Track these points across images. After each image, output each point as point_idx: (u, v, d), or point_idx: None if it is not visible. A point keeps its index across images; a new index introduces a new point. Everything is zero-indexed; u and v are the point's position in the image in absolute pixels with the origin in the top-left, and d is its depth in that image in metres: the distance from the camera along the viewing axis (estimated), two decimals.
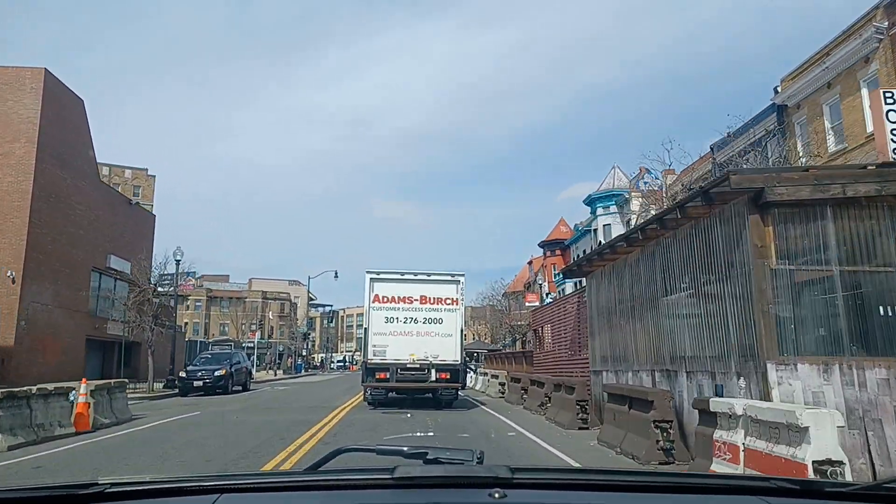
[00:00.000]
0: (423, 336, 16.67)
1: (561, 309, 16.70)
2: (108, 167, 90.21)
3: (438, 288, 16.95)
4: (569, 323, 15.85)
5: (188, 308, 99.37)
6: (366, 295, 16.88)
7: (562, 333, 16.62)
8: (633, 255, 11.22)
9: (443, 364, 16.58)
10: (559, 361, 16.83)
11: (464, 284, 17.01)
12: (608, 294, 12.49)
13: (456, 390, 17.02)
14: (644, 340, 10.70)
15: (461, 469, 1.55)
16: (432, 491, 1.49)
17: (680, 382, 9.20)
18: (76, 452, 10.14)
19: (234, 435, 12.09)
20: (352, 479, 1.61)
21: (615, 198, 50.81)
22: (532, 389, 17.50)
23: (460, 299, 16.95)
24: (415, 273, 17.06)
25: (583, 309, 14.59)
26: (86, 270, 33.68)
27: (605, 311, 12.67)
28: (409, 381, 16.52)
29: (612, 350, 12.20)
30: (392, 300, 16.85)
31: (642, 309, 10.75)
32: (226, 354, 29.30)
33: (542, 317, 19.28)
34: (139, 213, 41.56)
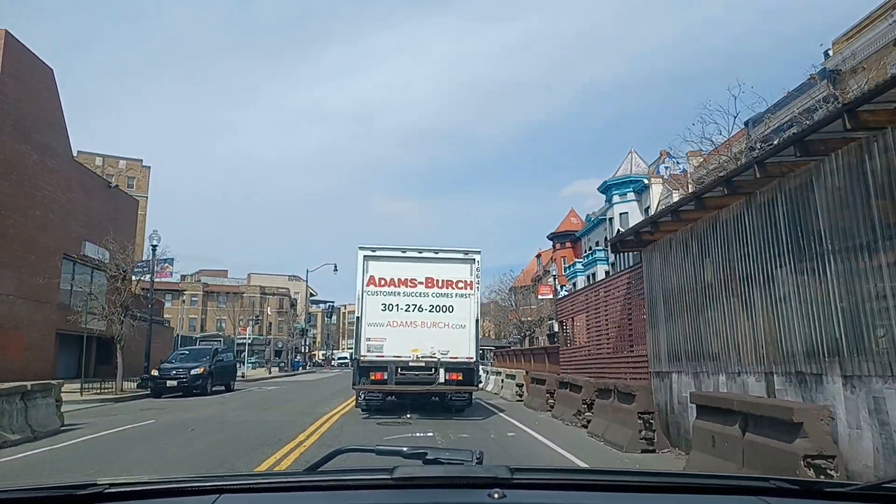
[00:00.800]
0: (430, 327, 13.43)
1: (600, 294, 13.44)
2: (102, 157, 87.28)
3: (448, 268, 13.70)
4: (613, 311, 12.59)
5: (184, 303, 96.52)
6: (358, 276, 13.64)
7: (602, 325, 13.36)
8: (729, 209, 7.95)
9: (453, 362, 13.35)
10: (597, 359, 13.57)
11: (479, 264, 13.75)
12: (683, 269, 9.22)
13: (469, 394, 13.80)
14: (749, 330, 7.44)
15: (461, 469, 1.56)
16: (432, 491, 1.49)
17: (830, 392, 5.93)
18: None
19: (171, 457, 8.89)
20: (351, 479, 1.62)
21: (633, 184, 47.42)
22: (562, 394, 14.24)
23: (475, 282, 13.69)
24: (419, 250, 13.80)
25: (636, 292, 11.33)
26: (56, 258, 30.52)
27: (677, 292, 9.40)
28: (412, 384, 13.30)
29: (690, 344, 8.94)
30: (391, 283, 13.60)
31: (747, 285, 7.49)
32: (206, 351, 26.09)
33: (571, 306, 16.00)
34: (120, 197, 38.39)
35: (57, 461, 8.84)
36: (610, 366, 12.69)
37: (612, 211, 48.98)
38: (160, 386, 23.27)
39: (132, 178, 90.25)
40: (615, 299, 12.48)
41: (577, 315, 15.61)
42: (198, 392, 23.53)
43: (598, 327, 13.62)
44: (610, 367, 12.68)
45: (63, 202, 31.72)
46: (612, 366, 12.55)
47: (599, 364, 13.37)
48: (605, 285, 13.16)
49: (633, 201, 47.24)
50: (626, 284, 11.86)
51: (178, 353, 26.48)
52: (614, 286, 12.55)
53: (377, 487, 1.54)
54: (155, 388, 23.40)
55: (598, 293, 13.59)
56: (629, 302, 11.71)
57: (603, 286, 13.29)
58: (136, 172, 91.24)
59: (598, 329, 13.62)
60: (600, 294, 13.45)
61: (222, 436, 11.24)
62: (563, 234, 65.40)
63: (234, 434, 11.41)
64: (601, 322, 13.42)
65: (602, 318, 13.34)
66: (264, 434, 11.18)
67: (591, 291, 14.36)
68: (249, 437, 11.01)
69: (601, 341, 13.45)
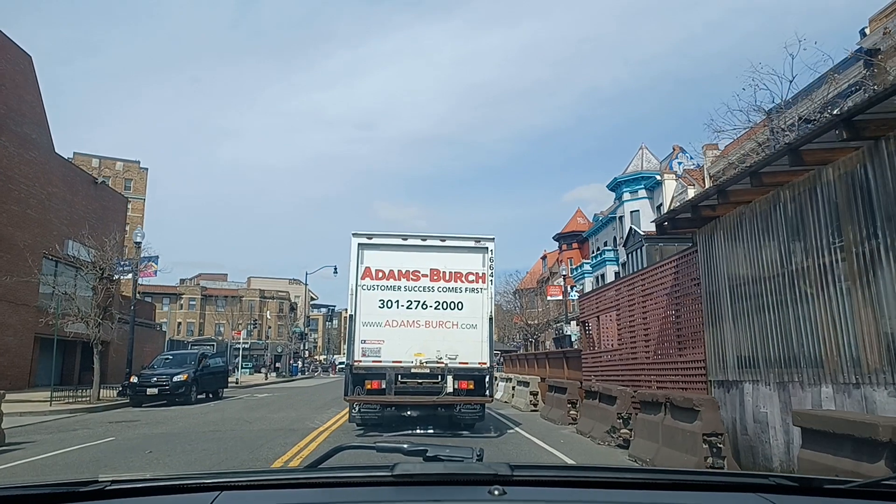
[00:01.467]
0: (436, 328, 11.46)
1: (636, 288, 11.44)
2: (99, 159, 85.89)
3: (457, 257, 11.72)
4: (654, 307, 10.60)
5: (181, 307, 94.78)
6: (351, 268, 11.66)
7: (638, 324, 11.36)
8: (838, 165, 5.96)
9: (464, 368, 11.36)
10: (631, 365, 11.56)
11: (493, 253, 11.77)
12: (763, 249, 7.23)
13: (482, 406, 11.79)
14: (873, 325, 5.44)
15: (461, 466, 1.56)
16: (432, 488, 1.49)
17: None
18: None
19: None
20: (352, 476, 1.60)
21: (644, 181, 45.39)
22: (589, 405, 12.23)
23: (489, 275, 11.71)
24: (423, 237, 11.82)
25: (686, 283, 9.34)
26: (35, 257, 28.56)
27: (751, 279, 7.42)
28: (415, 394, 11.31)
29: (773, 345, 6.95)
30: (390, 275, 11.62)
31: (873, 266, 5.49)
32: (192, 355, 24.09)
33: (596, 303, 13.98)
34: (107, 194, 36.45)
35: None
36: (649, 373, 10.69)
37: (622, 209, 46.96)
38: (139, 394, 21.30)
39: (129, 180, 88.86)
40: (657, 293, 10.49)
41: (604, 313, 13.60)
42: (181, 401, 21.59)
43: (633, 327, 11.62)
44: (649, 374, 10.68)
45: (42, 198, 29.81)
46: (652, 373, 10.55)
47: (634, 370, 11.37)
48: (642, 277, 11.16)
49: (644, 199, 45.22)
50: (671, 275, 9.86)
51: (162, 357, 24.52)
52: (656, 278, 10.55)
53: (377, 484, 1.55)
54: (134, 397, 21.44)
55: (634, 287, 11.58)
56: (677, 295, 9.72)
57: (640, 278, 11.28)
58: (133, 174, 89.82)
59: (633, 329, 11.62)
60: (636, 288, 11.45)
61: (185, 459, 9.24)
62: (570, 234, 63.39)
63: (200, 457, 9.40)
64: (637, 321, 11.42)
65: (638, 317, 11.34)
66: (237, 457, 9.20)
67: (623, 285, 12.35)
68: (218, 460, 9.02)
69: (637, 344, 11.45)
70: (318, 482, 1.59)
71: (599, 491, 1.53)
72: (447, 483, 1.49)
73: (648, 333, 10.89)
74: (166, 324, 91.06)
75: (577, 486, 1.56)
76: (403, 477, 1.47)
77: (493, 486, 1.40)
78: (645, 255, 38.09)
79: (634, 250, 40.09)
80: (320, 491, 1.55)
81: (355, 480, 1.58)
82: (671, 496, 1.55)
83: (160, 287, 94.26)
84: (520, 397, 18.95)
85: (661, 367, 10.10)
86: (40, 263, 28.82)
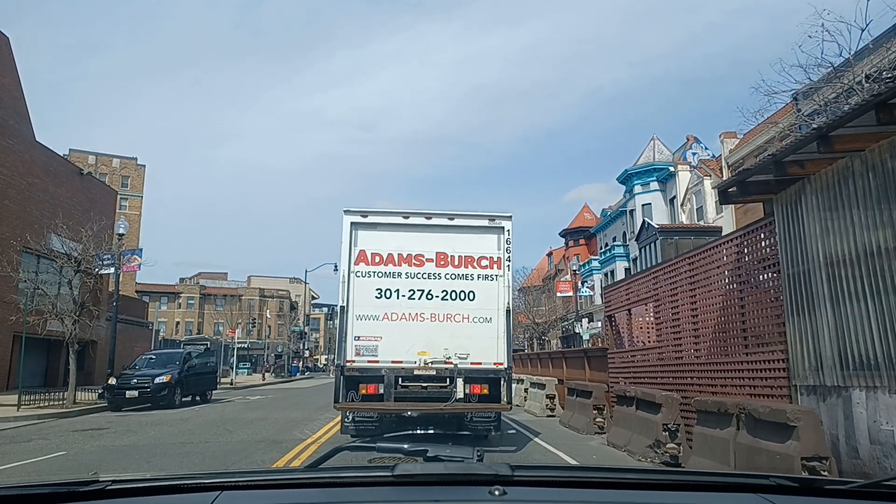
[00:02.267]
0: (443, 321, 9.66)
1: (682, 274, 9.60)
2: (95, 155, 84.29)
3: (468, 239, 9.91)
4: (708, 296, 8.75)
5: (179, 306, 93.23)
6: (343, 252, 9.85)
7: (685, 317, 9.52)
8: None
9: (477, 370, 9.56)
10: (676, 366, 9.73)
11: (511, 234, 9.94)
12: (882, 210, 5.39)
13: (498, 415, 9.97)
14: None
15: (462, 466, 1.55)
16: (433, 488, 1.48)
17: None
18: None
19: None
20: (352, 476, 1.60)
21: (656, 172, 43.46)
22: (623, 413, 10.43)
23: (506, 259, 9.89)
24: (427, 214, 10.00)
25: (755, 265, 7.53)
26: (13, 251, 26.80)
27: (859, 255, 5.59)
28: (418, 400, 9.52)
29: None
30: (389, 260, 9.82)
31: None
32: (177, 355, 22.32)
33: (626, 295, 12.14)
34: (95, 186, 34.71)
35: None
36: (700, 376, 8.86)
37: (633, 202, 45.06)
38: (118, 397, 19.55)
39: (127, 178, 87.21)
40: (711, 280, 8.65)
41: (636, 306, 11.77)
42: (165, 404, 19.85)
43: (677, 321, 9.78)
44: (700, 377, 8.85)
45: (22, 188, 28.06)
46: (704, 376, 8.72)
47: (680, 373, 9.54)
48: (689, 261, 9.30)
49: (656, 191, 43.33)
50: (732, 256, 8.03)
51: (145, 357, 22.73)
52: (709, 261, 8.71)
53: (378, 484, 1.54)
54: (112, 400, 19.69)
55: (678, 274, 9.74)
56: (740, 281, 7.89)
57: (686, 262, 9.42)
58: (130, 171, 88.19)
59: (677, 324, 9.78)
60: (681, 275, 9.61)
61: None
62: (577, 230, 61.55)
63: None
64: (682, 314, 9.58)
65: (684, 309, 9.50)
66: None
67: (661, 273, 10.51)
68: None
69: (682, 341, 9.62)
70: (319, 482, 1.58)
71: (600, 491, 1.53)
72: (447, 483, 1.49)
73: (699, 328, 9.06)
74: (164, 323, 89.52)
75: (578, 486, 1.55)
76: (404, 477, 1.47)
77: (493, 487, 1.39)
78: (659, 249, 36.18)
79: (647, 244, 38.21)
80: (321, 491, 1.54)
81: (356, 480, 1.59)
82: (672, 496, 1.54)
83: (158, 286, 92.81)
84: (534, 401, 17.13)
85: (719, 369, 8.27)
86: (19, 258, 27.08)
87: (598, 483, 1.57)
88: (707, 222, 36.04)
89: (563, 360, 17.27)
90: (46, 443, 11.57)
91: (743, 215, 32.88)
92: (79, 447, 10.84)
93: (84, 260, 20.57)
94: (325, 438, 11.21)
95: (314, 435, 11.74)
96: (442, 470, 1.52)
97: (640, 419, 9.62)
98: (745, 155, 32.05)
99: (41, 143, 29.60)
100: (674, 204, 41.64)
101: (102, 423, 15.03)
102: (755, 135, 32.87)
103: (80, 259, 20.47)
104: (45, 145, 30.04)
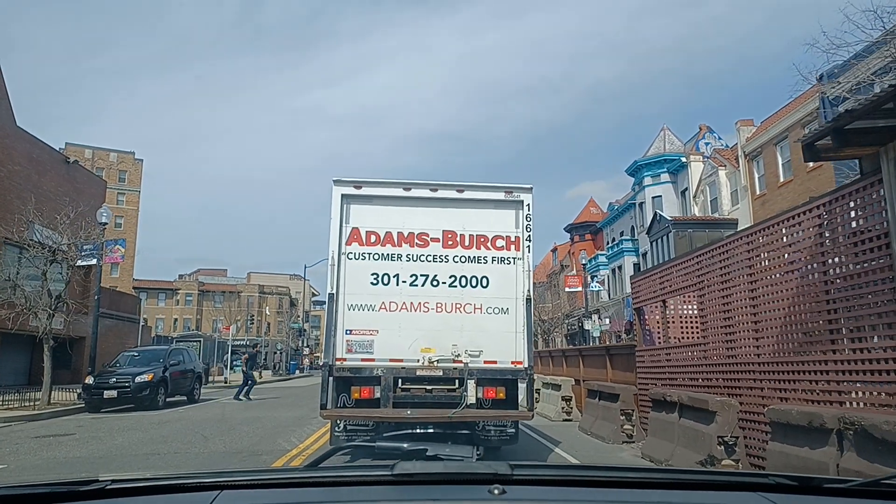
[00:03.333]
0: (451, 313, 8.10)
1: (738, 256, 8.01)
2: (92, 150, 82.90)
3: (482, 215, 8.36)
4: (774, 281, 7.20)
5: (177, 302, 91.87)
6: (332, 229, 8.28)
7: (740, 308, 7.95)
8: None
9: (491, 370, 8.02)
10: (728, 367, 8.17)
11: (531, 210, 8.39)
12: None
13: (516, 424, 8.41)
14: None
15: (461, 465, 1.58)
16: (432, 487, 1.47)
17: None
18: None
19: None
20: (352, 475, 1.61)
21: (667, 163, 41.80)
22: (661, 421, 8.89)
23: (525, 238, 8.32)
24: (433, 186, 8.42)
25: (846, 239, 5.96)
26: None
27: None
28: (421, 406, 7.97)
29: None
30: (387, 240, 8.26)
31: None
32: (160, 352, 20.79)
33: (662, 283, 10.55)
34: (82, 175, 33.15)
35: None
36: (761, 379, 7.29)
37: (642, 195, 43.44)
38: (95, 397, 18.04)
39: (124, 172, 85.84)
40: (784, 260, 7.09)
41: (673, 296, 10.21)
42: (148, 404, 18.35)
43: (729, 313, 8.21)
44: (761, 381, 7.29)
45: (2, 176, 26.58)
46: (767, 379, 7.15)
47: (733, 373, 7.97)
48: (748, 240, 7.73)
49: (667, 183, 41.69)
50: (813, 229, 6.46)
51: (128, 354, 21.18)
52: (776, 237, 7.15)
53: (377, 483, 1.53)
54: (90, 401, 18.19)
55: (731, 256, 8.16)
56: (824, 261, 6.32)
57: (744, 239, 7.85)
58: (128, 166, 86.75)
59: (729, 316, 8.21)
60: (735, 257, 8.03)
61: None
62: (583, 225, 59.95)
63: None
64: (738, 304, 8.00)
65: (740, 298, 7.92)
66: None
67: (706, 256, 8.92)
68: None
69: (736, 336, 8.04)
70: (318, 481, 1.58)
71: (599, 490, 1.53)
72: (447, 482, 1.49)
73: (760, 321, 7.50)
74: (162, 320, 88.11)
75: (577, 485, 1.55)
76: (403, 476, 1.47)
77: (492, 486, 1.39)
78: (672, 242, 34.62)
79: (659, 238, 36.63)
80: (320, 490, 1.54)
81: (355, 479, 1.58)
82: (672, 495, 1.53)
83: (156, 282, 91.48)
84: (548, 403, 15.58)
85: (792, 370, 6.70)
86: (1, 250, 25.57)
87: (598, 482, 1.57)
88: (722, 215, 34.43)
89: (579, 359, 15.71)
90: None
91: (761, 206, 31.31)
92: (26, 459, 9.31)
93: (59, 250, 19.06)
94: (312, 449, 9.69)
95: (302, 444, 10.22)
96: (441, 469, 1.54)
97: (686, 429, 8.07)
98: (764, 143, 30.44)
99: (23, 130, 28.09)
100: (685, 196, 40.03)
101: (70, 428, 13.51)
102: (775, 121, 31.23)
103: (55, 248, 18.94)
104: (27, 131, 28.53)
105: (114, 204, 77.61)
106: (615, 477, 1.60)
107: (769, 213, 27.91)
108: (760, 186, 31.03)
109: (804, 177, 27.16)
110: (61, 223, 19.36)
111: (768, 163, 30.27)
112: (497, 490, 1.37)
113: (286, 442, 10.46)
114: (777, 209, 26.91)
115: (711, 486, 1.57)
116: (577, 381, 14.89)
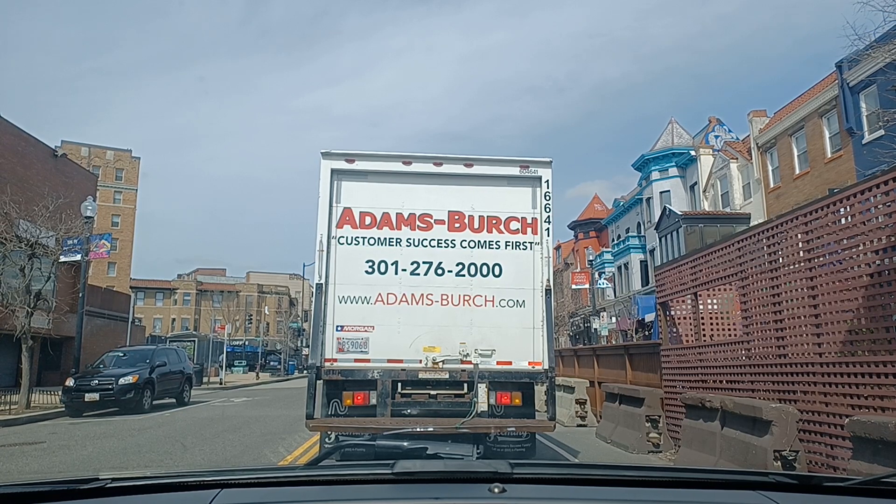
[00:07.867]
0: (459, 306, 7.00)
1: (784, 242, 6.91)
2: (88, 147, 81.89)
3: (493, 193, 7.25)
4: (834, 271, 6.07)
5: (175, 302, 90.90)
6: (321, 209, 7.15)
7: (791, 301, 6.83)
8: None
9: (505, 373, 6.93)
10: (776, 368, 7.05)
11: (550, 188, 7.27)
12: None
13: (532, 435, 7.31)
14: None
15: (461, 464, 1.61)
16: (432, 486, 1.47)
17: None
18: None
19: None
20: (352, 473, 1.59)
21: (676, 157, 40.61)
22: (697, 431, 7.78)
23: (544, 220, 7.21)
24: (437, 160, 7.29)
25: None
26: None
27: None
28: (425, 414, 6.89)
29: None
30: (384, 221, 7.14)
31: None
32: (147, 352, 19.69)
33: (693, 274, 9.42)
34: (71, 169, 32.06)
35: None
36: (818, 383, 6.17)
37: (649, 190, 42.30)
38: (76, 401, 16.95)
39: (121, 170, 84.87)
40: (838, 246, 5.96)
41: (706, 288, 9.09)
42: (134, 408, 17.28)
43: (778, 306, 7.08)
44: (817, 384, 6.17)
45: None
46: (838, 381, 6.03)
47: (785, 376, 6.84)
48: (806, 218, 6.62)
49: (676, 177, 40.52)
50: (881, 209, 5.33)
51: (113, 354, 20.09)
52: (832, 220, 6.02)
53: (377, 482, 1.52)
54: (70, 405, 17.12)
55: (778, 242, 7.04)
56: None
57: (801, 219, 6.73)
58: (125, 164, 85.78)
59: (779, 310, 7.08)
60: (784, 242, 6.91)
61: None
62: (587, 222, 58.87)
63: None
64: (788, 297, 6.88)
65: (791, 290, 6.80)
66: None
67: (748, 241, 7.80)
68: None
69: (787, 334, 6.92)
70: (319, 480, 1.57)
71: (599, 489, 1.52)
72: (447, 481, 1.48)
73: (820, 316, 6.37)
74: (160, 320, 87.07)
75: (577, 483, 1.54)
76: (404, 475, 1.46)
77: (492, 484, 1.38)
78: (682, 237, 33.48)
79: (668, 233, 35.47)
80: (321, 489, 1.53)
81: (356, 478, 1.57)
82: (672, 493, 1.52)
83: (154, 282, 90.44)
84: (560, 406, 14.32)
85: (863, 374, 5.58)
86: None
87: (598, 480, 1.56)
88: (734, 209, 33.31)
89: (593, 358, 14.59)
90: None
91: (775, 200, 30.19)
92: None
93: (38, 244, 17.96)
94: (302, 461, 8.58)
95: (291, 455, 9.11)
96: (441, 467, 1.57)
97: (731, 441, 6.95)
98: (779, 134, 29.26)
99: (6, 120, 27.00)
100: (694, 190, 38.88)
101: (42, 436, 12.43)
102: (789, 111, 30.07)
103: (33, 242, 17.85)
104: (11, 122, 27.44)
105: (111, 203, 76.47)
106: (615, 475, 1.60)
107: (784, 206, 26.79)
108: (775, 179, 29.89)
109: (821, 168, 26.04)
110: (41, 215, 18.25)
111: (783, 154, 29.14)
112: (497, 489, 1.36)
113: (272, 453, 9.35)
114: (792, 202, 25.79)
115: (712, 485, 1.56)
116: (591, 382, 13.77)
